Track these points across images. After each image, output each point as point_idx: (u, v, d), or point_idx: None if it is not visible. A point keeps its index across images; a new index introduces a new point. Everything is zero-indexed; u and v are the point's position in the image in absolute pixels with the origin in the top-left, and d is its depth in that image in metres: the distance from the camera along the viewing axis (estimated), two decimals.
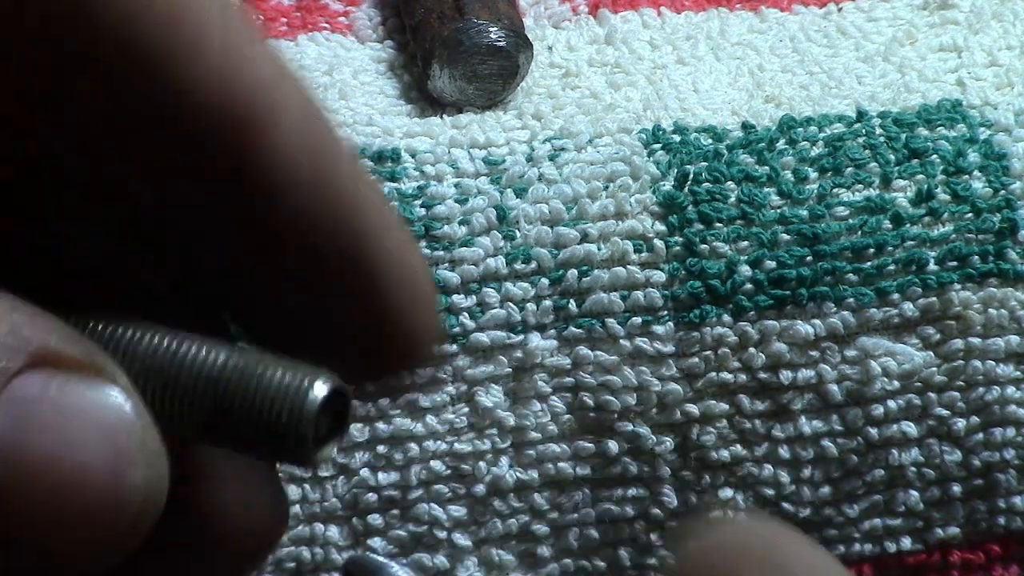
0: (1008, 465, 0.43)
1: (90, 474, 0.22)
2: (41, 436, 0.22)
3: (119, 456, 0.22)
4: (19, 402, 0.21)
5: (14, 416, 0.21)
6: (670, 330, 0.41)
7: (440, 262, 0.40)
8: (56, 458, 0.22)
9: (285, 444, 0.24)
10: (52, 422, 0.22)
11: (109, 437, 0.22)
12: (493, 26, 0.44)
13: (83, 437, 0.22)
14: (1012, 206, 0.42)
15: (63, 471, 0.22)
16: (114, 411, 0.22)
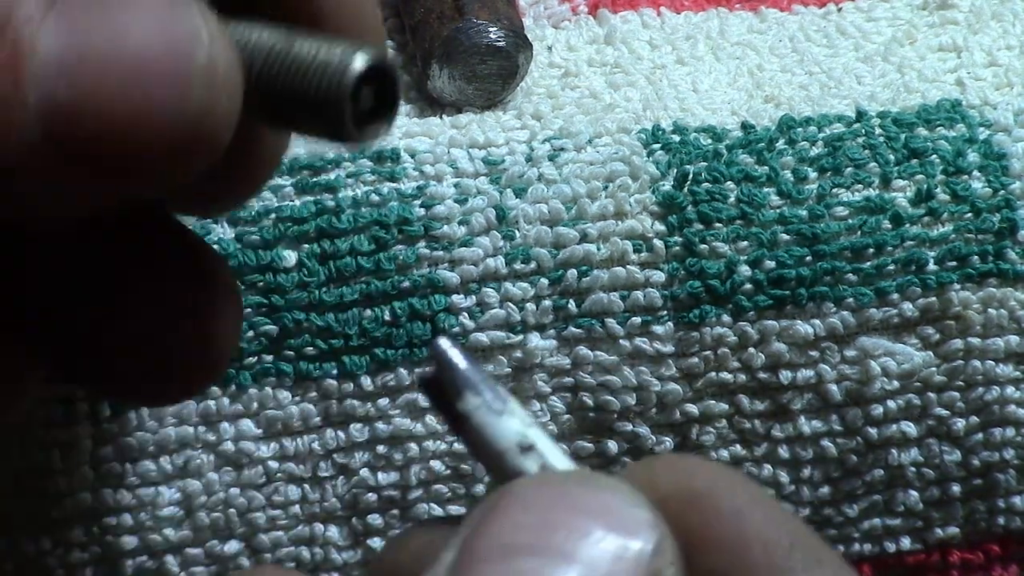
0: (1007, 465, 0.43)
1: (152, 65, 0.21)
2: (96, 40, 0.21)
3: (178, 39, 0.22)
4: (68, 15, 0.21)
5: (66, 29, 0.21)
6: (670, 330, 0.41)
7: (440, 262, 0.40)
8: (115, 56, 0.21)
9: (324, 115, 0.24)
10: (104, 24, 0.21)
11: (162, 24, 0.22)
12: (492, 26, 0.44)
13: (138, 29, 0.21)
14: (1012, 206, 0.42)
15: (125, 66, 0.21)
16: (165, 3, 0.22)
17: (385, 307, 0.40)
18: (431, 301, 0.40)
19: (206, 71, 0.22)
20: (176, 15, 0.22)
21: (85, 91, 0.21)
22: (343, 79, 0.23)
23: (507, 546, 0.21)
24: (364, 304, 0.40)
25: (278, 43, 0.24)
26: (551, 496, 0.22)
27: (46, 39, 0.21)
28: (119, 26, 0.21)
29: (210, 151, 0.22)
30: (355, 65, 0.23)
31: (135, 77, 0.21)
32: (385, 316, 0.40)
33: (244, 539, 0.41)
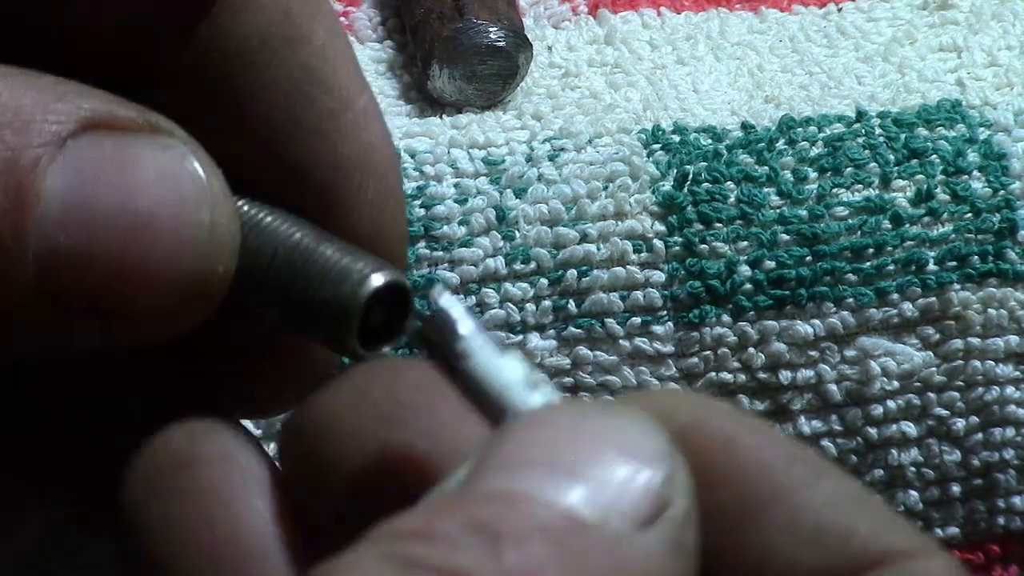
0: (1007, 465, 0.43)
1: (156, 220, 0.21)
2: (103, 191, 0.21)
3: (183, 198, 0.22)
4: (77, 162, 0.21)
5: (74, 176, 0.21)
6: (669, 330, 0.41)
7: (439, 262, 0.40)
8: (121, 209, 0.21)
9: (331, 325, 0.24)
10: (112, 177, 0.21)
11: (170, 182, 0.22)
12: (493, 26, 0.44)
13: (145, 186, 0.21)
14: (1011, 206, 0.42)
15: (130, 222, 0.21)
16: (173, 159, 0.22)
17: None
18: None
19: (208, 233, 0.22)
20: (182, 172, 0.22)
21: (86, 242, 0.21)
22: (357, 294, 0.23)
23: (516, 462, 0.21)
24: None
25: (303, 240, 0.24)
26: (565, 419, 0.21)
27: (52, 184, 0.21)
28: (125, 178, 0.21)
29: (202, 311, 0.23)
30: (371, 283, 0.23)
31: (138, 233, 0.21)
32: None
33: None
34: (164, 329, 0.22)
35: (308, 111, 0.25)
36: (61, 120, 0.21)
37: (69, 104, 0.21)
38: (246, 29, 0.25)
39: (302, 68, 0.25)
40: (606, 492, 0.20)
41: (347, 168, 0.25)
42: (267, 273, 0.24)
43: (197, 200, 0.22)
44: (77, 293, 0.21)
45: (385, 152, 0.26)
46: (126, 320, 0.22)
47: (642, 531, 0.20)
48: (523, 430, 0.21)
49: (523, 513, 0.20)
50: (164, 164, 0.22)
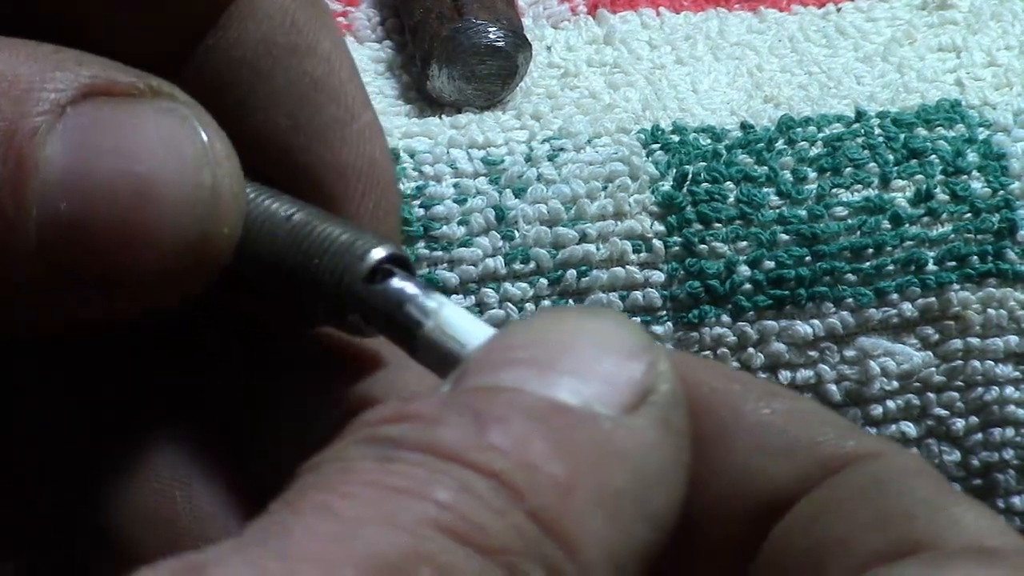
0: (1007, 465, 0.43)
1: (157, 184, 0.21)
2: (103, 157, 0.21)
3: (184, 160, 0.21)
4: (76, 130, 0.21)
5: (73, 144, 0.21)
6: (669, 330, 0.41)
7: (439, 262, 0.40)
8: (121, 175, 0.21)
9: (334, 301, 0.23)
10: (112, 142, 0.21)
11: (171, 145, 0.22)
12: (492, 26, 0.44)
13: (145, 150, 0.21)
14: (1011, 206, 0.42)
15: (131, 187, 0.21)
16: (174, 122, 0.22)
17: None
18: None
19: (211, 196, 0.22)
20: (183, 134, 0.22)
21: (87, 209, 0.21)
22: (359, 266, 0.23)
23: (502, 360, 0.21)
24: None
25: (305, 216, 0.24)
26: (546, 323, 0.22)
27: (52, 153, 0.21)
28: (125, 144, 0.21)
29: (206, 275, 0.22)
30: (372, 256, 0.23)
31: (140, 198, 0.21)
32: None
33: None
34: (169, 294, 0.22)
35: (314, 118, 0.25)
36: (60, 88, 0.21)
37: (68, 72, 0.21)
38: (252, 37, 0.25)
39: (309, 76, 0.25)
40: (590, 384, 0.20)
41: (351, 177, 0.26)
42: (269, 247, 0.24)
43: (199, 162, 0.22)
44: (80, 261, 0.21)
45: (388, 168, 0.26)
46: (131, 287, 0.22)
47: (628, 415, 0.20)
48: (506, 336, 0.21)
49: (508, 400, 0.20)
50: (164, 127, 0.22)
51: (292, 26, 0.25)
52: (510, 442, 0.19)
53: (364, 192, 0.26)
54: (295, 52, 0.25)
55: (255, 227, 0.24)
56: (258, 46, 0.25)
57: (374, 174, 0.26)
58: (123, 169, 0.21)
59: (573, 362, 0.20)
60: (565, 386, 0.20)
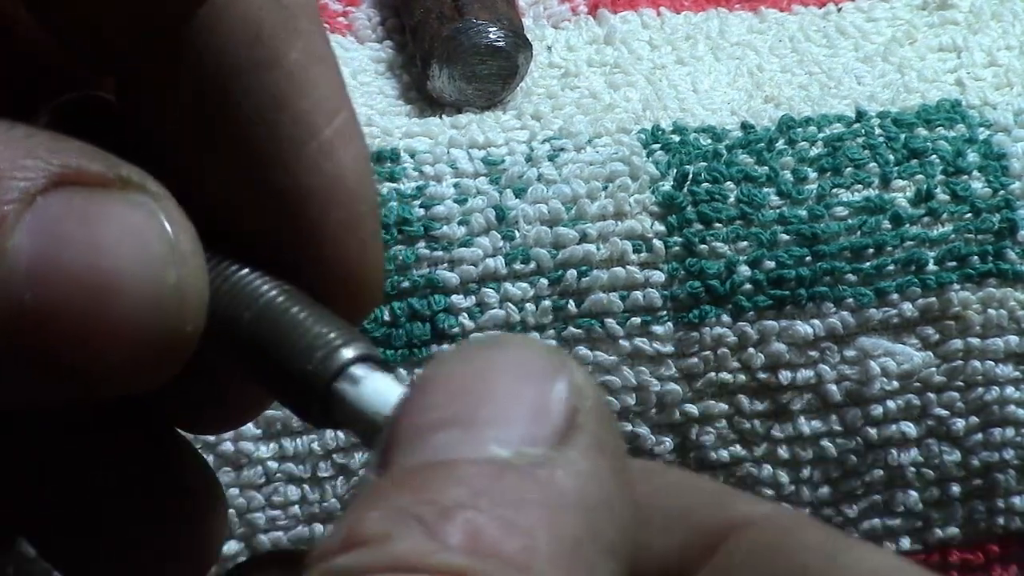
0: (1007, 465, 0.43)
1: (122, 279, 0.21)
2: (70, 250, 0.21)
3: (150, 257, 0.21)
4: (44, 220, 0.21)
5: (41, 234, 0.21)
6: (669, 330, 0.41)
7: (439, 262, 0.40)
8: (87, 268, 0.21)
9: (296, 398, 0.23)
10: (79, 235, 0.21)
11: (137, 241, 0.21)
12: (492, 26, 0.44)
13: (111, 245, 0.21)
14: (1011, 206, 0.42)
15: (96, 281, 0.21)
16: (141, 216, 0.22)
17: (384, 307, 0.40)
18: (431, 301, 0.40)
19: (175, 294, 0.22)
20: (150, 230, 0.22)
21: (52, 301, 0.21)
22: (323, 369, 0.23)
23: (422, 425, 0.20)
24: None
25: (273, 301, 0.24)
26: (459, 366, 0.21)
27: (19, 243, 0.21)
28: (92, 238, 0.21)
29: (168, 370, 0.22)
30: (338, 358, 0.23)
31: (104, 293, 0.21)
32: (384, 316, 0.40)
33: (244, 539, 0.41)
34: (130, 386, 0.22)
35: (272, 140, 0.25)
36: (30, 176, 0.21)
37: (38, 160, 0.21)
38: (215, 52, 0.24)
39: (268, 95, 0.25)
40: (516, 426, 0.20)
41: (310, 199, 0.25)
42: (235, 332, 0.23)
43: (164, 259, 0.22)
44: (42, 351, 0.21)
45: (352, 180, 0.25)
46: (91, 378, 0.22)
47: (560, 449, 0.20)
48: (422, 392, 0.21)
49: (444, 481, 0.20)
50: (131, 222, 0.22)
51: (256, 39, 0.24)
52: (463, 536, 0.19)
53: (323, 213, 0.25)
54: (257, 67, 0.24)
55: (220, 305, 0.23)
56: (222, 62, 0.24)
57: (339, 190, 0.25)
58: (89, 263, 0.21)
59: (493, 407, 0.20)
60: (492, 438, 0.20)
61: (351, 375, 0.23)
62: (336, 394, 0.23)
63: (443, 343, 0.40)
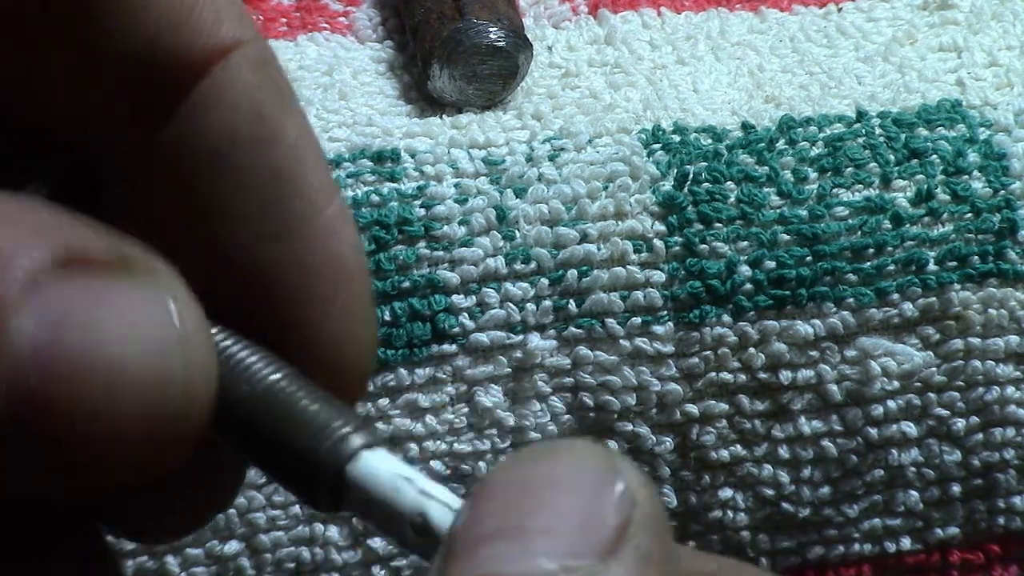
0: (1008, 465, 0.43)
1: (126, 368, 0.21)
2: (74, 335, 0.21)
3: (155, 344, 0.21)
4: (49, 303, 0.21)
5: (45, 317, 0.21)
6: (670, 330, 0.41)
7: (440, 262, 0.40)
8: (91, 355, 0.21)
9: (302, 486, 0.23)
10: (83, 320, 0.21)
11: (142, 328, 0.21)
12: (493, 26, 0.44)
13: (116, 330, 0.21)
14: (1012, 206, 0.42)
15: (99, 370, 0.21)
16: (146, 301, 0.22)
17: (385, 307, 0.40)
18: (431, 301, 0.40)
19: (182, 376, 0.21)
20: (158, 318, 0.21)
21: (55, 387, 0.21)
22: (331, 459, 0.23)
23: (475, 537, 0.21)
24: None
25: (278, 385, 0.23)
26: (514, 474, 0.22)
27: (23, 325, 0.21)
28: (96, 323, 0.21)
29: (176, 459, 0.22)
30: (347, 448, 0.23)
31: (110, 380, 0.21)
32: (385, 316, 0.40)
33: (244, 539, 0.41)
34: (136, 477, 0.22)
35: (277, 216, 0.25)
36: (34, 257, 0.21)
37: (43, 239, 0.21)
38: (215, 129, 0.24)
39: (273, 169, 0.25)
40: (564, 538, 0.20)
41: (314, 277, 0.25)
42: (240, 414, 0.23)
43: (170, 346, 0.21)
44: (47, 437, 0.21)
45: (354, 260, 0.25)
46: (96, 468, 0.21)
47: (607, 561, 0.20)
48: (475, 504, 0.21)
49: None
50: (135, 307, 0.21)
51: (257, 116, 0.25)
52: None
53: (327, 293, 0.25)
54: (259, 142, 0.24)
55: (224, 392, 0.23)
56: (221, 138, 0.24)
57: (342, 270, 0.25)
58: (93, 350, 0.21)
59: (543, 518, 0.21)
60: (541, 549, 0.20)
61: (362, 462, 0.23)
62: (348, 482, 0.23)
63: (443, 343, 0.40)
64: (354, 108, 0.44)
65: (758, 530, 0.43)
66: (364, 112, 0.44)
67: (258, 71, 0.25)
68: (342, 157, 0.41)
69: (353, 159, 0.41)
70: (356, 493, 0.23)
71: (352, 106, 0.44)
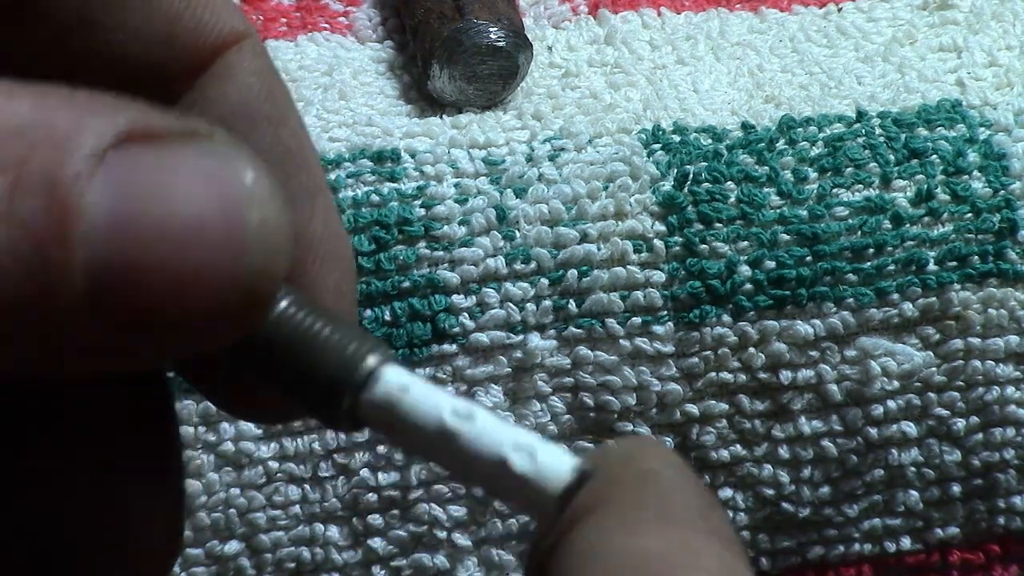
0: (1007, 465, 0.43)
1: (204, 227, 0.21)
2: (146, 201, 0.21)
3: (229, 202, 0.21)
4: (117, 175, 0.21)
5: (115, 189, 0.21)
6: (670, 330, 0.41)
7: (440, 262, 0.40)
8: (166, 217, 0.21)
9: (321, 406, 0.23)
10: (154, 186, 0.21)
11: (214, 187, 0.21)
12: (493, 26, 0.44)
13: (188, 193, 0.21)
14: (1011, 206, 0.42)
15: (176, 229, 0.21)
16: (215, 162, 0.22)
17: (385, 307, 0.40)
18: (431, 301, 0.40)
19: (259, 232, 0.21)
20: (226, 174, 0.22)
21: (135, 255, 0.21)
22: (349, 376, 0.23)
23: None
24: (364, 304, 0.40)
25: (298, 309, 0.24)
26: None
27: (95, 199, 0.21)
28: (168, 187, 0.21)
29: (256, 317, 0.22)
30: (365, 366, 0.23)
31: (187, 241, 0.21)
32: (385, 316, 0.40)
33: (244, 539, 0.41)
34: (219, 338, 0.22)
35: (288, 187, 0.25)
36: (98, 133, 0.21)
37: (105, 118, 0.21)
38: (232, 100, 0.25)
39: (283, 146, 0.25)
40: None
41: (317, 250, 0.25)
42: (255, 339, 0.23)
43: (244, 201, 0.21)
44: (130, 307, 0.21)
45: (348, 245, 0.26)
46: (180, 331, 0.21)
47: None
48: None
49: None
50: (205, 169, 0.21)
51: (268, 96, 0.25)
52: None
53: (328, 267, 0.26)
54: (271, 121, 0.25)
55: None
56: (236, 109, 0.25)
57: (339, 249, 0.26)
58: (168, 212, 0.21)
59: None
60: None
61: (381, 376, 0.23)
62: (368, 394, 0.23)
63: (443, 343, 0.40)
64: (354, 108, 0.44)
65: (758, 530, 0.43)
66: (364, 112, 0.44)
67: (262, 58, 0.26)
68: (342, 157, 0.41)
69: (353, 159, 0.41)
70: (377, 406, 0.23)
71: (352, 106, 0.44)
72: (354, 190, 0.40)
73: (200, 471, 0.40)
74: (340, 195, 0.40)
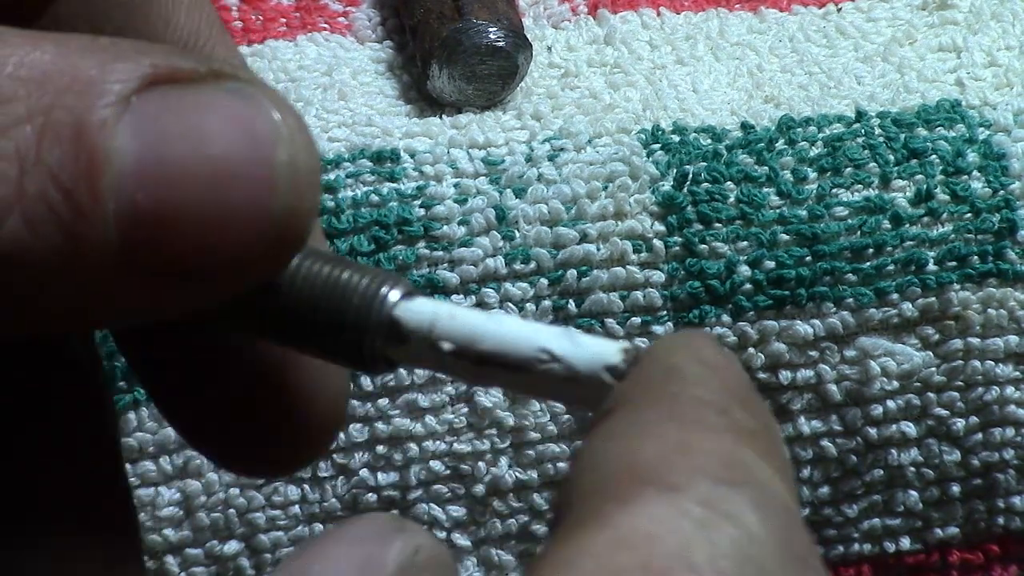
0: (1007, 465, 0.43)
1: (233, 165, 0.21)
2: (175, 143, 0.21)
3: (257, 139, 0.21)
4: (145, 119, 0.21)
5: (143, 132, 0.21)
6: (670, 330, 0.41)
7: (439, 262, 0.40)
8: (195, 158, 0.21)
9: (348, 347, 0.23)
10: (182, 128, 0.21)
11: (242, 126, 0.21)
12: (492, 26, 0.44)
13: (216, 133, 0.21)
14: (1011, 206, 0.42)
15: (206, 170, 0.21)
16: (242, 102, 0.21)
17: None
18: None
19: (288, 170, 0.21)
20: (253, 113, 0.21)
21: (164, 197, 0.21)
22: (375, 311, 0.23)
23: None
24: None
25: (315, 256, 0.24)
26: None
27: (123, 144, 0.21)
28: (196, 128, 0.21)
29: (287, 255, 0.22)
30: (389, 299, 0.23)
31: (217, 180, 0.21)
32: None
33: (244, 539, 0.41)
34: (252, 278, 0.22)
35: None
36: (123, 79, 0.21)
37: (128, 62, 0.21)
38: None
39: None
40: None
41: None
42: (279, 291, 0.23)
43: (272, 139, 0.21)
44: (162, 251, 0.21)
45: None
46: (214, 273, 0.21)
47: None
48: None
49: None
50: (233, 109, 0.21)
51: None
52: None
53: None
54: None
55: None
56: None
57: None
58: (196, 153, 0.21)
59: None
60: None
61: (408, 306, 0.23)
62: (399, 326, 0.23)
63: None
64: (354, 108, 0.44)
65: None
66: (364, 112, 0.44)
67: None
68: (342, 157, 0.41)
69: (353, 159, 0.41)
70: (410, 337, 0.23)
71: (352, 106, 0.44)
72: (353, 190, 0.40)
73: (200, 471, 0.40)
74: (339, 195, 0.40)
